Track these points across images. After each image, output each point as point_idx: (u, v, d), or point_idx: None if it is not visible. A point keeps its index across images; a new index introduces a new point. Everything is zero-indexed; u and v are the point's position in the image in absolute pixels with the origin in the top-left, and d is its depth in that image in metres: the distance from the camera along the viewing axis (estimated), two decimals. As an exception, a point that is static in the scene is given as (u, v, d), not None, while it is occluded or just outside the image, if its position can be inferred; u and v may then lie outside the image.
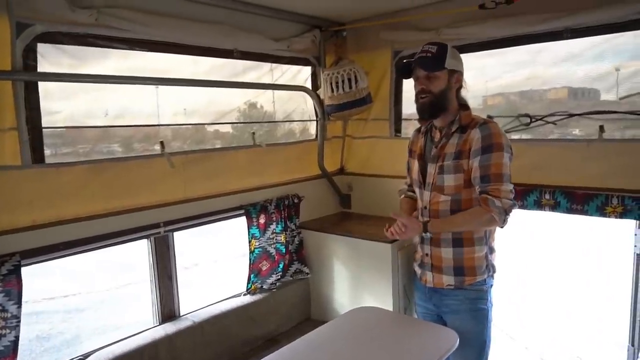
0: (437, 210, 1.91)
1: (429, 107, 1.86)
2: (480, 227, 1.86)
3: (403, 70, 1.93)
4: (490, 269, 1.94)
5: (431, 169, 1.92)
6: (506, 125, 2.46)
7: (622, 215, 2.12)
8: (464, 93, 1.93)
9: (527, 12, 2.24)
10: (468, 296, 1.92)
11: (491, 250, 1.95)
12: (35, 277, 5.27)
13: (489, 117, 2.35)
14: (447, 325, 1.98)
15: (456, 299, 1.93)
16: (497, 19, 2.33)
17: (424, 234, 1.90)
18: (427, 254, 1.98)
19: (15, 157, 1.80)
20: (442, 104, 1.86)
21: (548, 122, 2.38)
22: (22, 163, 1.82)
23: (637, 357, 2.25)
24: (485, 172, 1.76)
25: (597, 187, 2.19)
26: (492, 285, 1.97)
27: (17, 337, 1.75)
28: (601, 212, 2.17)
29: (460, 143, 1.84)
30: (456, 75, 1.87)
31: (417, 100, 1.89)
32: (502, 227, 1.82)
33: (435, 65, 1.82)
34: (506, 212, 1.75)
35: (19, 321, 1.75)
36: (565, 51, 2.32)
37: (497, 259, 1.99)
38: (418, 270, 2.07)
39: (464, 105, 1.92)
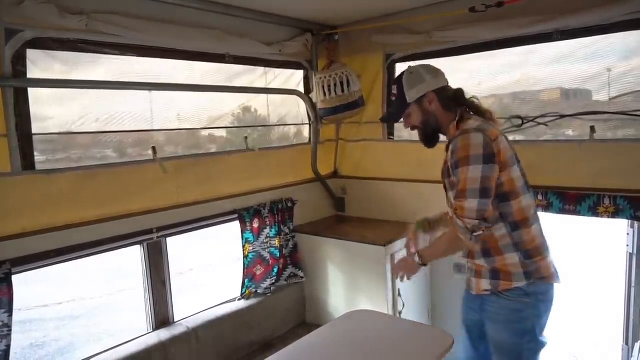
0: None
1: (425, 137, 1.86)
2: (457, 248, 1.80)
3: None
4: (531, 275, 1.71)
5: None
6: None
7: (614, 215, 2.14)
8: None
9: (517, 15, 2.25)
10: (507, 306, 1.75)
11: (527, 255, 1.71)
12: (28, 285, 5.24)
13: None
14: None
15: (493, 306, 1.78)
16: (488, 22, 2.35)
17: (421, 265, 1.83)
18: (469, 263, 1.89)
19: (5, 164, 1.79)
20: (433, 128, 1.83)
21: (540, 124, 2.39)
22: (11, 170, 1.80)
23: (632, 356, 2.25)
24: (456, 188, 1.68)
25: (589, 188, 2.21)
26: (540, 294, 1.74)
27: (8, 346, 1.73)
28: (593, 212, 2.18)
29: (446, 159, 1.79)
30: (426, 98, 1.78)
31: None
32: (472, 246, 1.72)
33: (400, 111, 1.84)
34: (471, 231, 1.63)
35: (10, 330, 1.74)
36: (556, 52, 2.33)
37: (545, 262, 1.74)
38: (466, 276, 1.94)
39: (467, 112, 1.81)
